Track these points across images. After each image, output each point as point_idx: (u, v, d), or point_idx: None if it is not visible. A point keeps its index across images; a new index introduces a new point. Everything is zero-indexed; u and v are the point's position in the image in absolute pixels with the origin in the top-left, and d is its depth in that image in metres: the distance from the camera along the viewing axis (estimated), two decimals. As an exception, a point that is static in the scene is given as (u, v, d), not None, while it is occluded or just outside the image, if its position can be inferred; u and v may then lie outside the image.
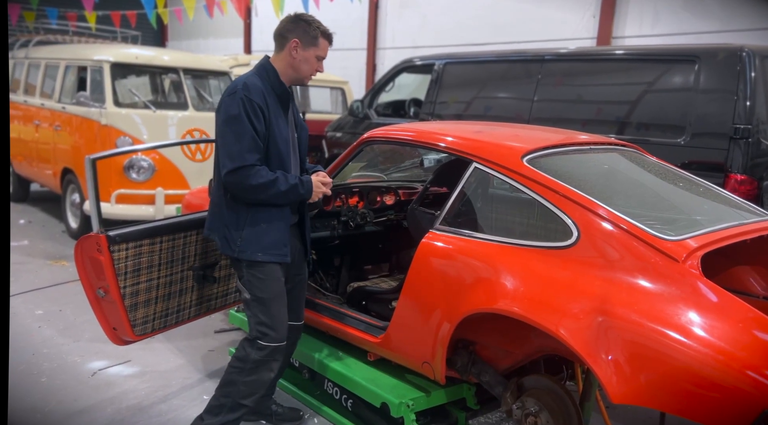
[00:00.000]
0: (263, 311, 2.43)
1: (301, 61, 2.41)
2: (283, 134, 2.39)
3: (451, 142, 2.64)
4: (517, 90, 5.38)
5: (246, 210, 2.38)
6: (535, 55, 5.20)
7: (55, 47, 6.97)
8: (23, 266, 5.15)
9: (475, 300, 2.22)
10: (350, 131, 7.04)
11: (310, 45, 2.40)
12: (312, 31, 2.40)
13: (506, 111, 5.40)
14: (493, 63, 5.68)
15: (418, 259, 2.48)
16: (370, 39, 10.15)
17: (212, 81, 6.85)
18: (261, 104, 2.30)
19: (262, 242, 2.37)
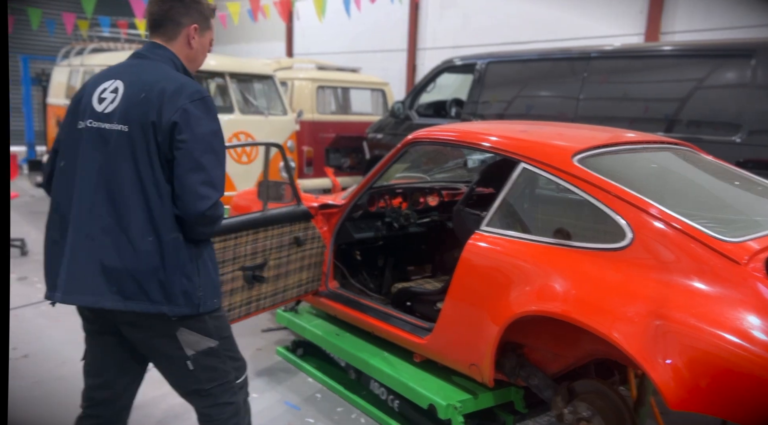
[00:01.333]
0: (231, 348, 2.06)
1: (199, 52, 1.98)
2: None
3: (498, 142, 2.62)
4: (562, 88, 5.29)
5: (197, 251, 1.86)
6: (581, 53, 5.11)
7: (108, 54, 7.23)
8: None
9: (524, 303, 2.20)
10: (391, 132, 7.06)
11: (206, 29, 1.97)
12: (206, 11, 1.95)
13: (550, 110, 5.33)
14: (536, 61, 5.61)
15: (465, 260, 2.47)
16: (411, 40, 10.15)
17: (256, 85, 6.99)
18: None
19: (215, 284, 1.93)
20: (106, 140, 1.78)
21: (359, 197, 3.21)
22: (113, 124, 1.78)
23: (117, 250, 1.76)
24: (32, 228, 6.63)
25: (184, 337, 1.88)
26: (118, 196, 1.76)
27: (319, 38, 12.69)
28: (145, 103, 1.76)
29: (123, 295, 1.77)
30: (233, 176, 5.97)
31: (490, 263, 2.39)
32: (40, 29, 9.69)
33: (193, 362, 1.91)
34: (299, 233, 3.07)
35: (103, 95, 1.83)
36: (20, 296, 4.50)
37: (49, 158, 1.97)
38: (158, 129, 1.75)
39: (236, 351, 2.10)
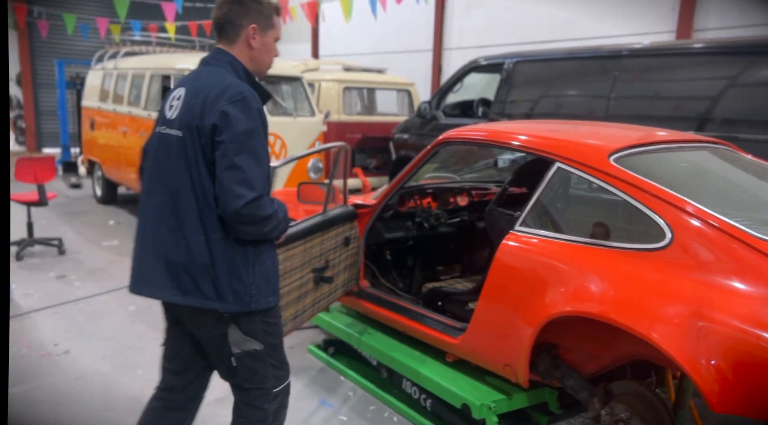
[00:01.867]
0: (275, 356, 2.10)
1: (263, 51, 1.99)
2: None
3: (531, 141, 2.61)
4: (592, 87, 5.25)
5: (252, 250, 1.91)
6: (612, 52, 5.05)
7: (140, 58, 7.39)
8: (116, 264, 5.48)
9: (560, 303, 2.19)
10: (417, 132, 7.07)
11: (269, 28, 1.98)
12: (266, 10, 1.96)
13: (580, 109, 5.28)
14: (565, 60, 5.56)
15: (499, 260, 2.47)
16: (436, 40, 10.14)
17: (285, 86, 7.07)
18: (263, 117, 1.90)
19: (271, 284, 1.98)
20: (169, 144, 1.90)
21: (390, 197, 3.23)
22: (174, 130, 1.90)
23: (177, 248, 1.87)
24: (69, 228, 6.80)
25: (233, 335, 1.93)
26: (176, 197, 1.87)
27: (344, 39, 12.75)
28: (193, 108, 1.85)
29: (182, 290, 1.88)
30: (263, 176, 6.04)
31: (524, 264, 2.38)
32: (75, 34, 9.94)
33: (236, 359, 1.96)
34: (348, 233, 3.12)
35: (172, 103, 1.94)
36: (59, 294, 4.63)
37: (140, 159, 2.11)
38: (202, 132, 1.83)
39: (282, 359, 2.14)
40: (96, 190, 8.40)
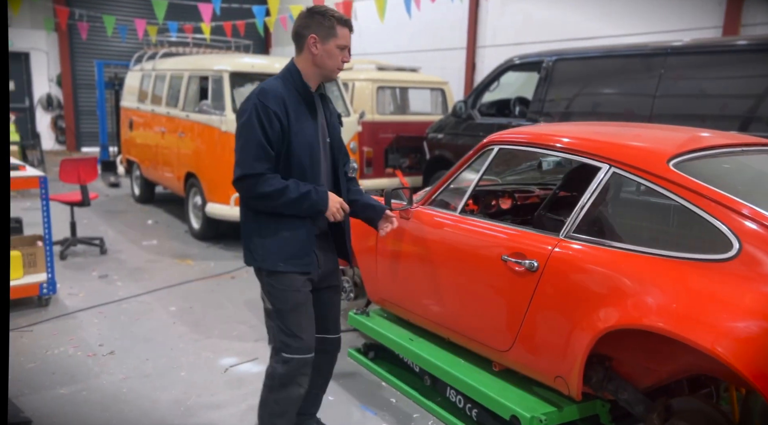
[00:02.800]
0: (284, 322, 2.32)
1: (324, 56, 2.28)
2: (307, 138, 2.28)
3: (584, 145, 2.53)
4: (636, 86, 5.10)
5: (267, 219, 2.29)
6: (658, 49, 4.90)
7: (178, 59, 7.48)
8: (155, 264, 5.56)
9: (617, 315, 2.11)
10: (452, 131, 7.00)
11: (330, 37, 2.26)
12: (327, 22, 2.25)
13: (623, 108, 5.15)
14: (607, 58, 5.43)
15: (551, 269, 2.40)
16: (470, 37, 10.03)
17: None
18: (277, 110, 2.20)
19: (283, 252, 2.28)
20: None
21: (431, 201, 3.18)
22: None
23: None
24: (109, 227, 6.93)
25: (262, 288, 2.41)
26: None
27: (376, 38, 12.71)
28: None
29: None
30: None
31: (578, 273, 2.31)
32: (113, 35, 10.14)
33: (264, 310, 2.43)
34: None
35: None
36: (102, 293, 4.71)
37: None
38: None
39: (290, 328, 2.33)
40: (134, 189, 8.55)
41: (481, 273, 2.72)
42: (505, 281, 2.58)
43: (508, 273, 2.56)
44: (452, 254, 2.90)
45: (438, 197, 3.19)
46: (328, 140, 2.43)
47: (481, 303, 2.75)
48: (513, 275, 2.54)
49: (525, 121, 6.01)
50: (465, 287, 2.82)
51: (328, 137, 2.43)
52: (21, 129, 12.12)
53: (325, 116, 2.42)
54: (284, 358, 2.33)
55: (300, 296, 2.34)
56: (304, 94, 2.29)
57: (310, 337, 2.37)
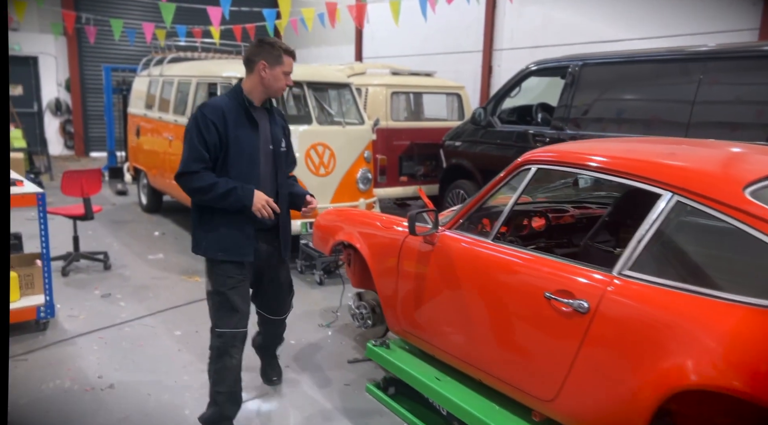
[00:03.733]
0: (220, 302, 2.78)
1: (271, 79, 2.74)
2: (244, 144, 2.70)
3: (643, 168, 2.21)
4: (672, 92, 4.76)
5: (210, 215, 2.72)
6: (697, 53, 4.57)
7: (186, 64, 7.22)
8: (161, 281, 5.30)
9: (690, 372, 1.80)
10: (470, 139, 6.69)
11: (276, 64, 2.72)
12: (275, 52, 2.72)
13: (658, 115, 4.82)
14: (640, 63, 5.09)
15: (605, 311, 2.09)
16: (487, 40, 9.70)
17: (332, 93, 6.79)
18: (214, 119, 2.64)
19: (222, 244, 2.72)
20: None
21: (459, 224, 2.88)
22: None
23: None
24: (114, 239, 6.69)
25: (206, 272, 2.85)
26: None
27: (388, 41, 12.44)
28: None
29: None
30: (310, 188, 5.76)
31: (639, 318, 2.00)
32: (121, 39, 9.92)
33: (205, 291, 2.88)
34: None
35: None
36: (104, 315, 4.45)
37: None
38: None
39: (223, 306, 2.76)
40: (141, 198, 8.31)
41: (520, 311, 2.42)
42: (548, 321, 2.27)
43: (552, 313, 2.25)
44: (486, 287, 2.59)
45: (466, 220, 2.89)
46: (271, 147, 2.83)
47: (519, 345, 2.44)
48: (558, 315, 2.23)
49: (549, 129, 5.69)
50: (501, 324, 2.51)
51: (271, 144, 2.83)
52: (29, 134, 11.95)
53: (270, 127, 2.84)
54: (218, 333, 2.79)
55: (234, 282, 2.76)
56: (245, 108, 2.73)
57: (242, 316, 2.79)
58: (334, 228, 3.79)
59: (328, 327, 4.33)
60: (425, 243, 2.95)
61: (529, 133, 5.91)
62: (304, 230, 5.70)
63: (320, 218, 4.06)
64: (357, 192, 6.20)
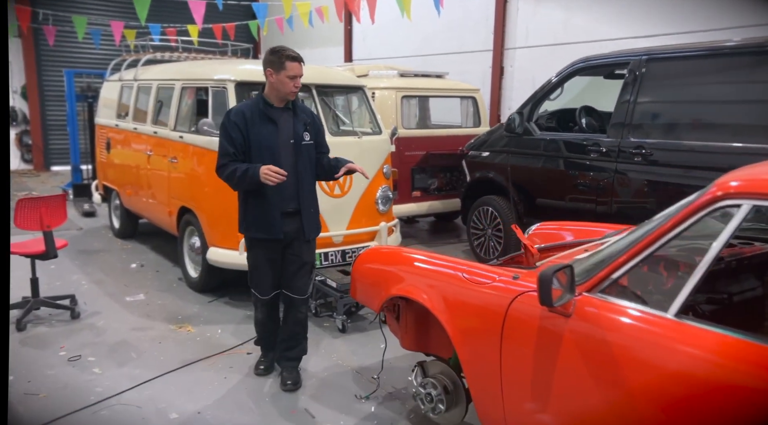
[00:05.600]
0: (252, 272, 3.42)
1: (278, 84, 3.17)
2: (264, 139, 3.18)
3: None
4: None
5: (244, 200, 3.29)
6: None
7: (166, 67, 6.15)
8: (145, 333, 4.25)
9: None
10: (502, 149, 5.78)
11: (280, 69, 3.14)
12: (278, 59, 3.14)
13: (753, 119, 3.98)
14: (727, 56, 4.22)
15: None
16: (497, 38, 8.85)
17: (339, 99, 5.83)
18: (237, 121, 3.16)
19: (254, 223, 3.28)
20: None
21: (608, 284, 1.96)
22: None
23: None
24: (83, 275, 5.58)
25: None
26: None
27: (382, 41, 11.53)
28: None
29: None
30: (323, 211, 4.78)
31: None
32: (84, 40, 8.76)
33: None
34: None
35: None
36: (73, 390, 3.39)
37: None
38: None
39: (253, 277, 3.43)
40: (113, 221, 7.19)
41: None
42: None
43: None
44: (679, 394, 1.67)
45: (619, 279, 1.96)
46: (293, 141, 3.25)
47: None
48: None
49: (605, 137, 4.83)
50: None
51: (293, 139, 3.25)
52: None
53: (293, 123, 3.27)
54: (252, 292, 3.46)
55: (264, 257, 3.35)
56: (263, 109, 3.21)
57: (264, 287, 3.40)
58: (386, 277, 2.84)
59: (368, 400, 3.35)
60: (551, 313, 2.01)
61: (581, 142, 5.04)
62: (318, 262, 4.72)
63: (363, 261, 3.09)
64: (377, 214, 5.24)
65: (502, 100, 8.89)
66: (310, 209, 3.36)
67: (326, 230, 4.76)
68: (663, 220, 1.88)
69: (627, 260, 1.92)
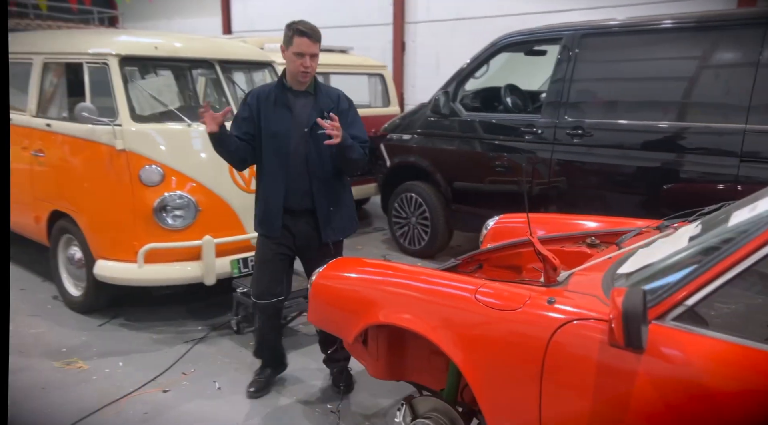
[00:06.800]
0: (255, 273, 3.15)
1: (288, 62, 2.85)
2: (271, 125, 2.90)
3: None
4: (721, 69, 3.84)
5: (257, 192, 3.07)
6: (758, 16, 3.67)
7: (18, 37, 4.94)
8: (19, 377, 3.32)
9: None
10: (426, 131, 5.38)
11: (289, 45, 2.80)
12: (288, 33, 2.80)
13: (694, 98, 3.90)
14: (669, 31, 4.07)
15: None
16: (397, 11, 8.40)
17: (240, 76, 5.07)
18: (251, 103, 2.95)
19: (258, 217, 3.06)
20: None
21: (683, 309, 1.60)
22: None
23: None
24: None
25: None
26: None
27: (264, 10, 10.63)
28: None
29: None
30: (239, 210, 4.09)
31: None
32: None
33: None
34: None
35: None
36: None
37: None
38: None
39: (254, 278, 3.14)
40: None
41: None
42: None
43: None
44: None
45: (700, 302, 1.60)
46: (306, 129, 2.88)
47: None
48: None
49: (540, 118, 4.59)
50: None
51: (306, 127, 2.88)
52: None
53: (310, 110, 2.89)
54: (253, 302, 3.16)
55: (266, 255, 3.05)
56: (280, 92, 2.91)
57: (264, 290, 3.05)
58: (364, 299, 2.30)
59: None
60: (614, 347, 1.62)
61: (514, 123, 4.77)
62: (235, 270, 4.04)
63: (326, 277, 2.51)
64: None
65: (404, 77, 8.51)
66: (329, 208, 2.99)
67: (242, 232, 4.08)
68: (759, 227, 1.54)
69: (710, 279, 1.56)
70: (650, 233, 2.36)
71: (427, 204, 5.42)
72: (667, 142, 3.92)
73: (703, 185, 3.76)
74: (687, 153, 3.83)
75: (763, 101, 3.53)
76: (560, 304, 1.80)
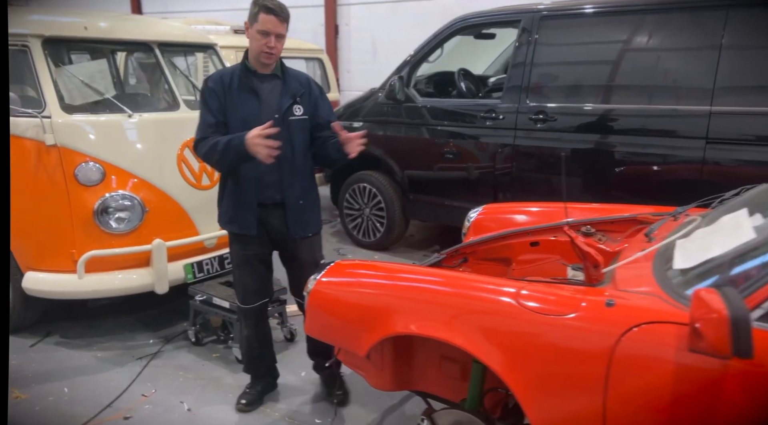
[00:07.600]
0: (235, 277, 2.91)
1: (251, 40, 2.56)
2: (239, 111, 2.59)
3: None
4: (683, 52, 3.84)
5: (223, 186, 2.78)
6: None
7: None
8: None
9: None
10: (379, 118, 5.16)
11: (253, 22, 2.52)
12: (253, 9, 2.52)
13: (661, 80, 3.89)
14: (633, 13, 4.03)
15: None
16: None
17: (179, 60, 4.59)
18: (214, 87, 2.60)
19: (227, 214, 2.77)
20: None
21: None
22: None
23: None
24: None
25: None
26: None
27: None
28: None
29: None
30: (190, 210, 3.70)
31: None
32: None
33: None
34: None
35: None
36: None
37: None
38: None
39: (237, 285, 2.89)
40: None
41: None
42: None
43: None
44: None
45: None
46: (277, 115, 2.60)
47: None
48: None
49: (501, 103, 4.49)
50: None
51: (277, 113, 2.61)
52: None
53: (279, 95, 2.64)
54: (237, 307, 2.98)
55: (241, 257, 2.81)
56: (242, 76, 2.61)
57: (247, 293, 2.85)
58: (378, 307, 2.06)
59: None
60: (711, 356, 1.48)
61: (473, 108, 4.65)
62: (189, 275, 3.66)
63: (327, 285, 2.24)
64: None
65: (339, 62, 8.19)
66: (298, 201, 2.74)
67: (195, 233, 3.70)
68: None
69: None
70: (671, 223, 2.29)
71: (381, 194, 5.21)
72: (633, 125, 3.93)
73: (670, 167, 3.80)
74: (653, 136, 3.86)
75: (728, 83, 3.60)
76: (620, 306, 1.66)
